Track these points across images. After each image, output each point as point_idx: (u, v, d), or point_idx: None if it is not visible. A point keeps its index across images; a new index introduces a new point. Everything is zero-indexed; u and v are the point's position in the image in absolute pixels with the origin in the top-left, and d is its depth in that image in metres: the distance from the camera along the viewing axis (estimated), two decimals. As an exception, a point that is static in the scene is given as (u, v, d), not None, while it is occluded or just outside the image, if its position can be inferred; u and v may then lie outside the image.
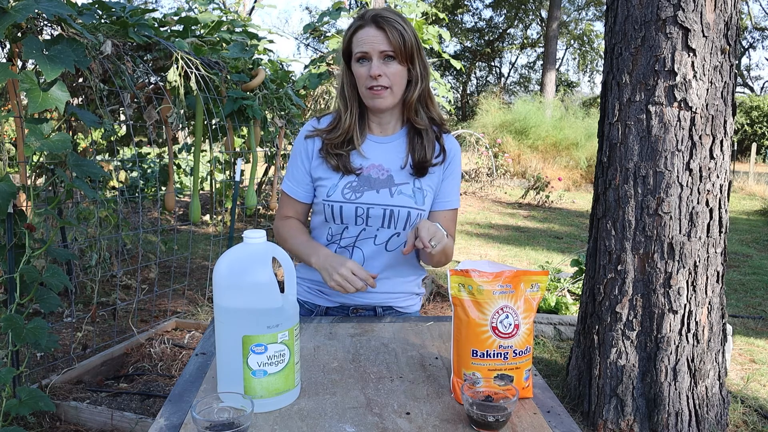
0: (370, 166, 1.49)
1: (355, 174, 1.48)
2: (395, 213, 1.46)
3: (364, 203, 1.47)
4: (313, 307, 1.60)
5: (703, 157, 2.34)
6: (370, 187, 1.47)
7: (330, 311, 1.58)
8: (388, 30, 1.39)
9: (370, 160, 1.50)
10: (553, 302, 3.79)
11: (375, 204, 1.46)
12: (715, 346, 2.46)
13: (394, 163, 1.50)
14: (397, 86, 1.44)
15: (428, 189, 1.51)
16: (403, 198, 1.47)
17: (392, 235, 1.49)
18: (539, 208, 9.74)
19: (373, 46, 1.40)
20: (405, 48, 1.41)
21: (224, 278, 1.02)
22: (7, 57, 2.53)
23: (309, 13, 36.50)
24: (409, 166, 1.50)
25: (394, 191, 1.47)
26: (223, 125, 3.75)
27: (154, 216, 6.86)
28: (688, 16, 2.27)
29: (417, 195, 1.48)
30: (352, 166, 1.48)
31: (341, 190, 1.48)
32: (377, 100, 1.44)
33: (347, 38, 1.45)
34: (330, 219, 1.50)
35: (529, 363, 1.10)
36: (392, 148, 1.52)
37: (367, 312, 1.57)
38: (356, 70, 1.44)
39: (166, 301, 4.03)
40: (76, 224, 3.56)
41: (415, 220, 1.48)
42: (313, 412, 1.02)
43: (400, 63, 1.42)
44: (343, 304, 1.56)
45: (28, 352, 2.25)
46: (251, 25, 4.25)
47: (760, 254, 6.40)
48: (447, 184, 1.54)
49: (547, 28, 22.46)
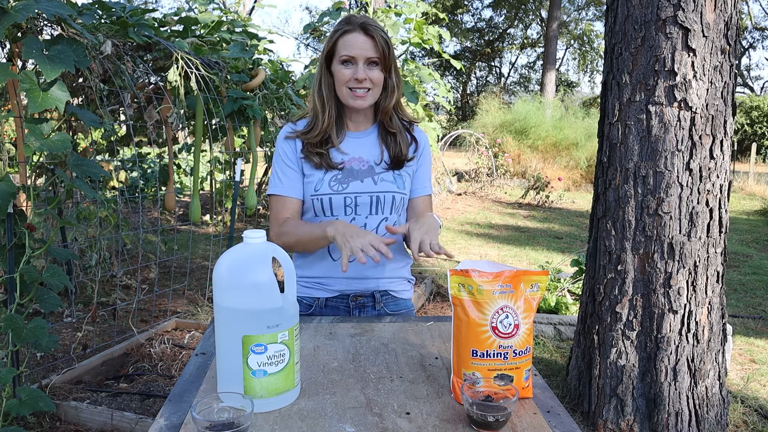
0: (351, 159, 1.59)
1: (337, 168, 1.57)
2: (381, 198, 1.56)
3: (351, 192, 1.55)
4: (311, 301, 1.62)
5: (703, 157, 2.34)
6: (354, 177, 1.57)
7: (329, 301, 1.61)
8: (377, 38, 1.50)
9: (350, 153, 1.59)
10: (553, 302, 3.79)
11: (361, 192, 1.56)
12: (715, 346, 2.46)
13: (372, 155, 1.61)
14: (376, 89, 1.55)
15: (406, 175, 1.63)
16: (386, 184, 1.58)
17: (381, 220, 1.58)
18: (539, 208, 9.74)
19: (360, 52, 1.49)
20: (388, 57, 1.53)
21: (224, 278, 1.02)
22: (7, 57, 2.53)
23: (309, 13, 36.54)
24: (384, 162, 1.60)
25: (377, 179, 1.58)
26: (223, 125, 3.75)
27: (154, 216, 6.86)
28: (688, 16, 2.27)
29: (398, 180, 1.60)
30: (334, 161, 1.57)
31: (328, 183, 1.56)
32: (358, 101, 1.54)
33: (333, 40, 1.53)
34: (320, 213, 1.56)
35: (529, 363, 1.10)
36: (368, 142, 1.63)
37: (365, 298, 1.61)
38: (339, 71, 1.52)
39: (166, 301, 4.03)
40: (76, 224, 3.56)
41: (399, 203, 1.59)
42: (313, 412, 1.02)
43: (381, 70, 1.53)
44: (343, 292, 1.60)
45: (28, 352, 2.26)
46: (251, 25, 4.25)
47: (760, 254, 6.40)
48: (421, 173, 1.66)
49: (547, 28, 22.46)
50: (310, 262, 1.61)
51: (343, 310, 1.61)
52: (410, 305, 1.71)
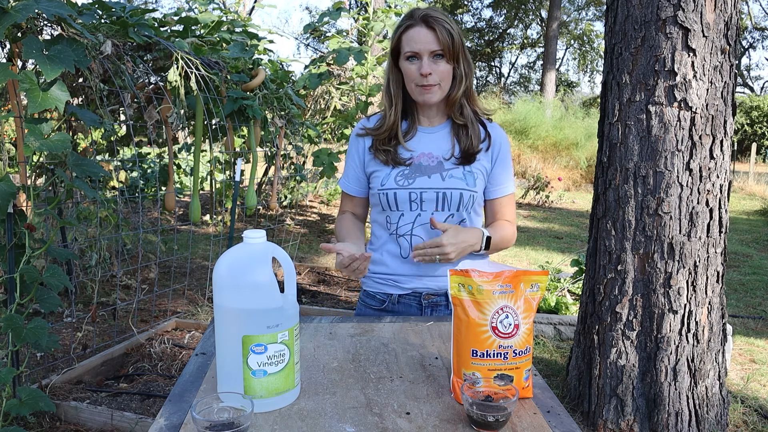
0: (420, 155, 1.57)
1: (405, 165, 1.56)
2: (448, 195, 1.53)
3: (416, 188, 1.54)
4: (384, 297, 1.63)
5: (703, 157, 2.34)
6: (422, 173, 1.55)
7: (402, 298, 1.61)
8: (438, 30, 1.46)
9: (420, 149, 1.57)
10: (553, 302, 3.79)
11: (428, 188, 1.53)
12: (715, 346, 2.46)
13: (442, 150, 1.57)
14: (444, 82, 1.52)
15: (478, 172, 1.57)
16: (454, 180, 1.54)
17: (447, 217, 1.56)
18: (539, 208, 9.74)
19: (424, 46, 1.47)
20: (453, 47, 1.48)
21: (224, 278, 1.02)
22: (7, 57, 2.53)
23: (309, 13, 36.54)
24: (455, 156, 1.56)
25: (445, 175, 1.54)
26: (223, 125, 3.75)
27: (154, 216, 6.86)
28: (688, 16, 2.27)
29: (468, 177, 1.55)
30: (401, 158, 1.57)
31: (394, 178, 1.55)
32: (427, 96, 1.52)
33: (396, 37, 1.53)
34: (386, 207, 1.58)
35: (529, 363, 1.10)
36: (440, 137, 1.59)
37: (438, 297, 1.60)
38: (406, 67, 1.51)
39: (166, 301, 4.03)
40: (76, 224, 3.56)
41: (468, 201, 1.54)
42: (313, 412, 1.02)
43: (447, 62, 1.49)
44: (415, 289, 1.60)
45: (28, 352, 2.26)
46: (251, 25, 4.25)
47: (760, 254, 6.40)
48: (497, 171, 1.60)
49: (547, 28, 22.45)
50: (384, 259, 1.62)
51: (416, 308, 1.61)
52: None
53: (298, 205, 7.95)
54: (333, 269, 5.03)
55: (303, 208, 8.07)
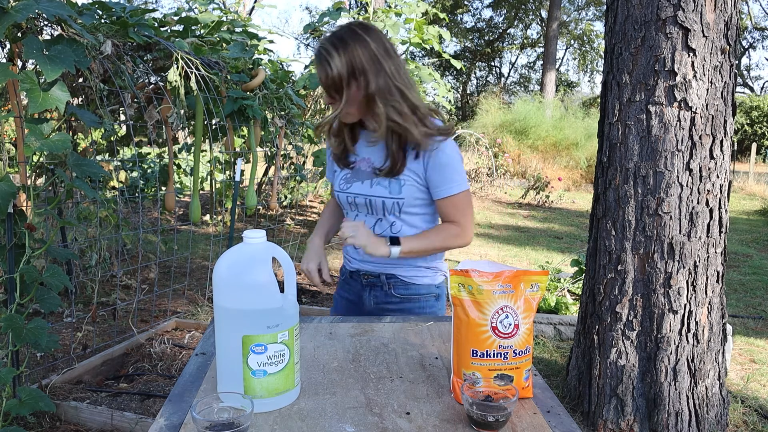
0: (361, 160, 1.66)
1: (349, 168, 1.67)
2: (373, 202, 1.61)
3: (351, 193, 1.66)
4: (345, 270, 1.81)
5: (703, 157, 2.34)
6: (358, 178, 1.65)
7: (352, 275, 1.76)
8: (322, 66, 1.47)
9: (362, 154, 1.66)
10: (553, 302, 3.79)
11: (359, 194, 1.64)
12: (715, 346, 2.46)
13: (378, 158, 1.63)
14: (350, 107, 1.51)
15: (407, 178, 1.58)
16: (379, 188, 1.61)
17: (376, 220, 1.65)
18: (539, 208, 9.73)
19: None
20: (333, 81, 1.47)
21: (224, 278, 1.02)
22: (8, 57, 2.53)
23: (309, 13, 36.53)
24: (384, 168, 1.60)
25: (373, 182, 1.62)
26: (223, 125, 3.75)
27: (154, 216, 6.86)
28: (688, 16, 2.27)
29: (392, 185, 1.59)
30: (348, 160, 1.68)
31: (338, 181, 1.69)
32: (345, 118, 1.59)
33: None
34: (342, 207, 1.75)
35: (529, 363, 1.10)
36: (381, 146, 1.63)
37: (373, 278, 1.70)
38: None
39: (166, 301, 4.03)
40: (76, 224, 3.56)
41: (392, 207, 1.60)
42: (313, 412, 1.02)
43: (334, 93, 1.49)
44: (357, 269, 1.74)
45: (28, 352, 2.26)
46: (251, 25, 4.25)
47: (760, 254, 6.40)
48: (431, 176, 1.58)
49: (547, 28, 22.45)
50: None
51: (358, 286, 1.74)
52: (430, 290, 1.71)
53: (298, 205, 7.95)
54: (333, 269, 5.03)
55: (303, 208, 8.07)
